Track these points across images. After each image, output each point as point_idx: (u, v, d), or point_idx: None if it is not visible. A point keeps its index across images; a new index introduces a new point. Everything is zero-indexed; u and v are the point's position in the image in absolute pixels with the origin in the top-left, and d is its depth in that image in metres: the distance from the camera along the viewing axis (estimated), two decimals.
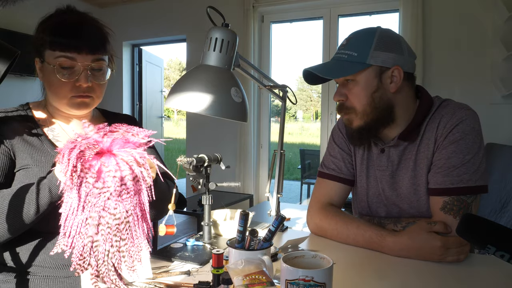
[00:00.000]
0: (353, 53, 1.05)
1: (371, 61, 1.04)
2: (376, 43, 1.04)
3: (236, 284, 0.64)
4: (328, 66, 1.10)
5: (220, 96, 0.83)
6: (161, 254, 1.00)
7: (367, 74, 1.05)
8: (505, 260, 0.56)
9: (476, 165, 1.01)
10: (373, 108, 1.07)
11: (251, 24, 3.79)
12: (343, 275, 0.88)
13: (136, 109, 5.04)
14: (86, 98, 1.01)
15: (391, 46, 1.05)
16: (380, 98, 1.07)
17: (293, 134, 21.32)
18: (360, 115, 1.08)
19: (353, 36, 1.09)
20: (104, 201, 0.65)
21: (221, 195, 3.36)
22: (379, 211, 1.19)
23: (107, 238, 0.66)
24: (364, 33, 1.08)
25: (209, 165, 1.11)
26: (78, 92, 0.99)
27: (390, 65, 1.05)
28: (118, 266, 0.67)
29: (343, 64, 1.06)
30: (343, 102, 1.11)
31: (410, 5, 3.20)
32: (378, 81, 1.06)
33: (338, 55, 1.09)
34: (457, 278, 0.89)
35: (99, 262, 0.66)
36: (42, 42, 0.97)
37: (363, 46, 1.05)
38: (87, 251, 0.65)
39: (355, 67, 1.05)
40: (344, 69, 1.06)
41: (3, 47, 0.69)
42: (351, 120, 1.10)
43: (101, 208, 0.65)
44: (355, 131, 1.11)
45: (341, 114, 1.14)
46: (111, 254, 0.66)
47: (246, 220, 0.75)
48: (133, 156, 0.68)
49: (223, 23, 0.90)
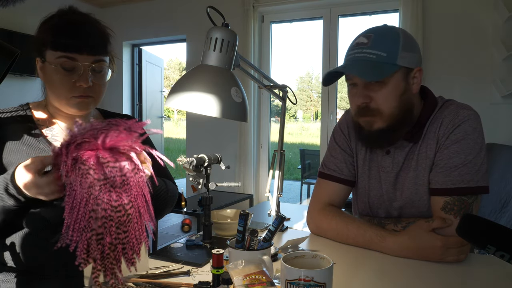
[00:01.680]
0: (381, 53, 1.00)
1: (400, 62, 1.00)
2: (403, 43, 1.01)
3: (236, 284, 0.64)
4: (358, 67, 1.02)
5: (220, 96, 0.83)
6: (161, 254, 1.00)
7: (397, 76, 1.01)
8: (505, 260, 0.56)
9: (478, 166, 1.01)
10: (400, 110, 1.03)
11: (251, 24, 3.79)
12: (343, 275, 0.88)
13: (136, 109, 5.04)
14: (86, 98, 1.01)
15: (414, 45, 1.03)
16: (406, 100, 1.04)
17: (293, 134, 21.32)
18: (386, 118, 1.04)
19: (374, 34, 1.03)
20: (106, 194, 0.65)
21: (221, 195, 3.36)
22: (380, 212, 1.19)
23: (110, 231, 0.66)
24: (388, 31, 1.03)
25: (209, 165, 1.11)
26: (78, 92, 0.99)
27: (414, 65, 1.03)
28: (119, 259, 0.67)
29: (374, 65, 1.00)
30: (366, 105, 1.05)
31: (410, 5, 3.20)
32: (405, 83, 1.03)
33: (363, 54, 1.02)
34: (457, 278, 0.89)
35: (102, 256, 0.66)
36: (43, 42, 0.97)
37: (391, 46, 1.00)
38: (91, 244, 0.65)
39: (387, 69, 1.00)
40: (377, 71, 0.99)
41: (3, 47, 0.69)
42: (372, 123, 1.06)
43: (103, 201, 0.65)
44: (375, 133, 1.06)
45: (361, 116, 1.07)
46: (113, 247, 0.66)
47: (246, 220, 0.75)
48: (131, 147, 0.68)
49: (223, 23, 0.90)
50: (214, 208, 1.19)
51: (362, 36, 1.05)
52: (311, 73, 36.55)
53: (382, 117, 1.04)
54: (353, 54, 1.04)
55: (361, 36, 1.05)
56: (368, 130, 1.07)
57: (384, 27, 1.06)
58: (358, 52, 1.02)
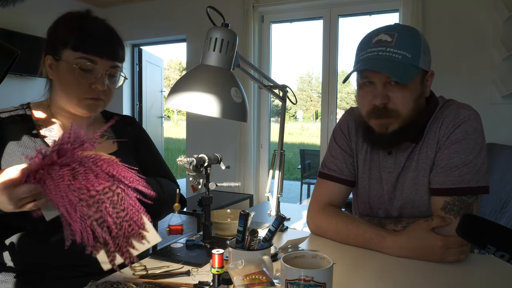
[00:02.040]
0: (407, 54, 0.97)
1: (421, 64, 0.99)
2: (424, 46, 0.99)
3: (236, 284, 0.64)
4: (387, 66, 0.97)
5: (220, 96, 0.83)
6: (161, 254, 1.00)
7: (417, 78, 1.00)
8: (505, 260, 0.56)
9: (478, 166, 1.01)
10: (416, 112, 1.03)
11: (251, 24, 3.79)
12: (343, 275, 0.88)
13: (136, 109, 5.04)
14: (98, 101, 1.03)
15: (429, 48, 1.02)
16: (421, 103, 1.04)
17: (293, 134, 21.32)
18: (402, 120, 1.02)
19: (397, 33, 0.99)
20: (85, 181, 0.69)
21: (221, 195, 3.36)
22: (380, 212, 1.18)
23: (107, 213, 0.69)
24: (411, 32, 1.00)
25: (209, 165, 1.11)
26: (92, 94, 1.01)
27: (428, 68, 1.03)
28: (128, 236, 0.70)
29: (401, 66, 0.97)
30: (384, 106, 1.01)
31: (410, 5, 3.20)
32: (421, 86, 1.03)
33: (387, 53, 0.98)
34: (457, 278, 0.89)
35: (112, 237, 0.68)
36: (63, 41, 0.98)
37: (415, 48, 0.98)
38: (96, 229, 0.68)
39: (413, 71, 0.97)
40: (406, 72, 0.96)
41: (3, 47, 0.69)
42: (388, 124, 1.03)
43: (86, 188, 0.68)
44: (387, 135, 1.04)
45: (376, 118, 1.03)
46: (119, 226, 0.69)
47: (246, 220, 0.75)
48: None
49: (223, 23, 0.90)
50: (214, 208, 1.19)
51: (384, 33, 1.00)
52: (311, 73, 36.58)
53: (399, 118, 1.01)
54: (377, 51, 0.99)
55: (382, 33, 1.00)
56: (380, 132, 1.05)
57: (405, 26, 1.03)
58: (382, 50, 0.98)
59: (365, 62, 1.01)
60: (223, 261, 0.75)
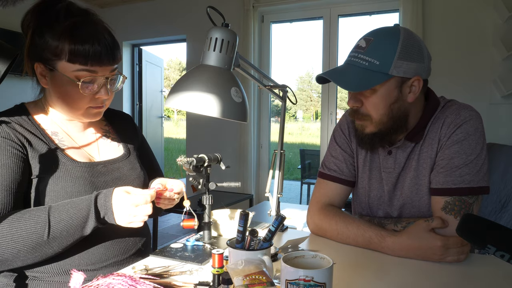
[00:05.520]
0: (374, 61, 0.98)
1: (394, 71, 0.98)
2: (400, 52, 0.98)
3: (236, 284, 0.64)
4: (346, 74, 1.02)
5: (220, 96, 0.83)
6: (161, 254, 1.00)
7: (388, 85, 1.00)
8: (505, 260, 0.56)
9: (479, 166, 1.01)
10: (389, 118, 1.04)
11: (251, 24, 3.79)
12: (343, 275, 0.88)
13: (136, 109, 5.04)
14: (102, 108, 1.02)
15: (414, 54, 0.99)
16: (398, 109, 1.04)
17: (293, 134, 21.32)
18: (376, 123, 1.05)
19: (374, 38, 1.01)
20: None
21: (221, 195, 3.35)
22: (380, 212, 1.18)
23: None
24: (387, 36, 1.00)
25: (209, 165, 1.11)
26: (96, 103, 0.98)
27: (411, 75, 1.00)
28: None
29: (364, 73, 0.99)
30: (358, 108, 1.06)
31: (410, 5, 3.20)
32: (398, 92, 1.02)
33: (357, 59, 1.01)
34: (457, 278, 0.89)
35: None
36: (55, 53, 0.91)
37: (386, 54, 0.98)
38: None
39: (376, 78, 0.98)
40: (365, 80, 0.98)
41: (3, 47, 0.69)
42: (365, 126, 1.07)
43: None
44: (367, 137, 1.08)
45: (354, 119, 1.10)
46: None
47: (246, 220, 0.75)
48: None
49: (223, 23, 0.90)
50: (214, 208, 1.19)
51: (364, 38, 1.03)
52: (311, 73, 36.59)
53: (372, 122, 1.05)
54: (350, 57, 1.04)
55: (363, 38, 1.03)
56: (361, 132, 1.10)
57: (387, 31, 1.02)
58: (355, 56, 1.02)
59: (333, 69, 1.07)
60: (223, 261, 0.75)
